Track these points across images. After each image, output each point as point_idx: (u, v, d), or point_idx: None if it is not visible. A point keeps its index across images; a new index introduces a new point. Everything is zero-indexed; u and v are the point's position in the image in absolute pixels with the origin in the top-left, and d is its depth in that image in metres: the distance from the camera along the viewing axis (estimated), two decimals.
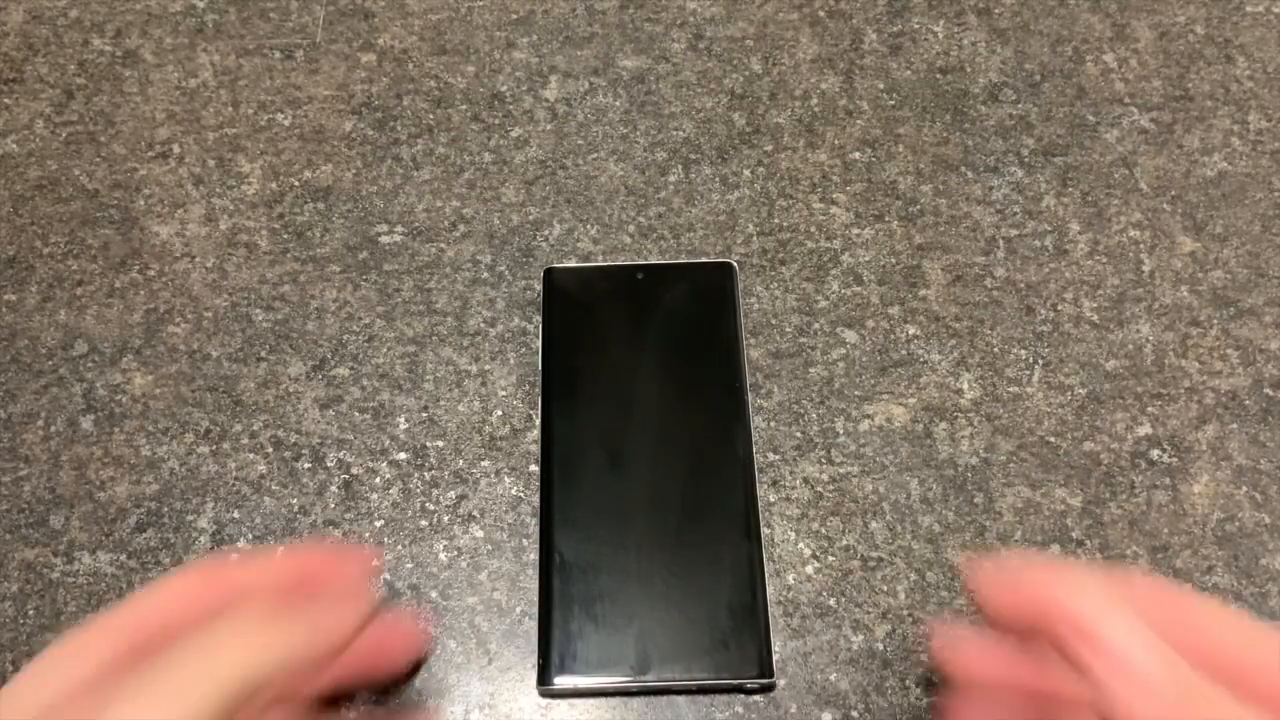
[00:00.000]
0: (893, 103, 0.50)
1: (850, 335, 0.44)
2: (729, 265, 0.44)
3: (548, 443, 0.39)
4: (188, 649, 0.26)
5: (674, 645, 0.36)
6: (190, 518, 0.40)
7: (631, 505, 0.38)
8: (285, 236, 0.46)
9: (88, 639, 0.27)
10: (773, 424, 0.42)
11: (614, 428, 0.40)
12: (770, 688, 0.37)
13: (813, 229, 0.47)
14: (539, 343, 0.42)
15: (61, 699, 0.26)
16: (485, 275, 0.45)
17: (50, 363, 0.43)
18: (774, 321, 0.44)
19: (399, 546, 0.40)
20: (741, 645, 0.36)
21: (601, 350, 0.41)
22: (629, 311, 0.42)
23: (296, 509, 0.40)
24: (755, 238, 0.46)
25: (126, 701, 0.24)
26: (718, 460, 0.39)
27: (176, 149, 0.48)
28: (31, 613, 0.38)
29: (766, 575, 0.38)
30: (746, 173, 0.48)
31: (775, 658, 0.38)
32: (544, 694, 0.36)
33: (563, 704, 0.37)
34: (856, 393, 0.43)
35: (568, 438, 0.39)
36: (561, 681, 0.35)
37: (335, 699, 0.36)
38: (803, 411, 0.42)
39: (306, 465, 0.41)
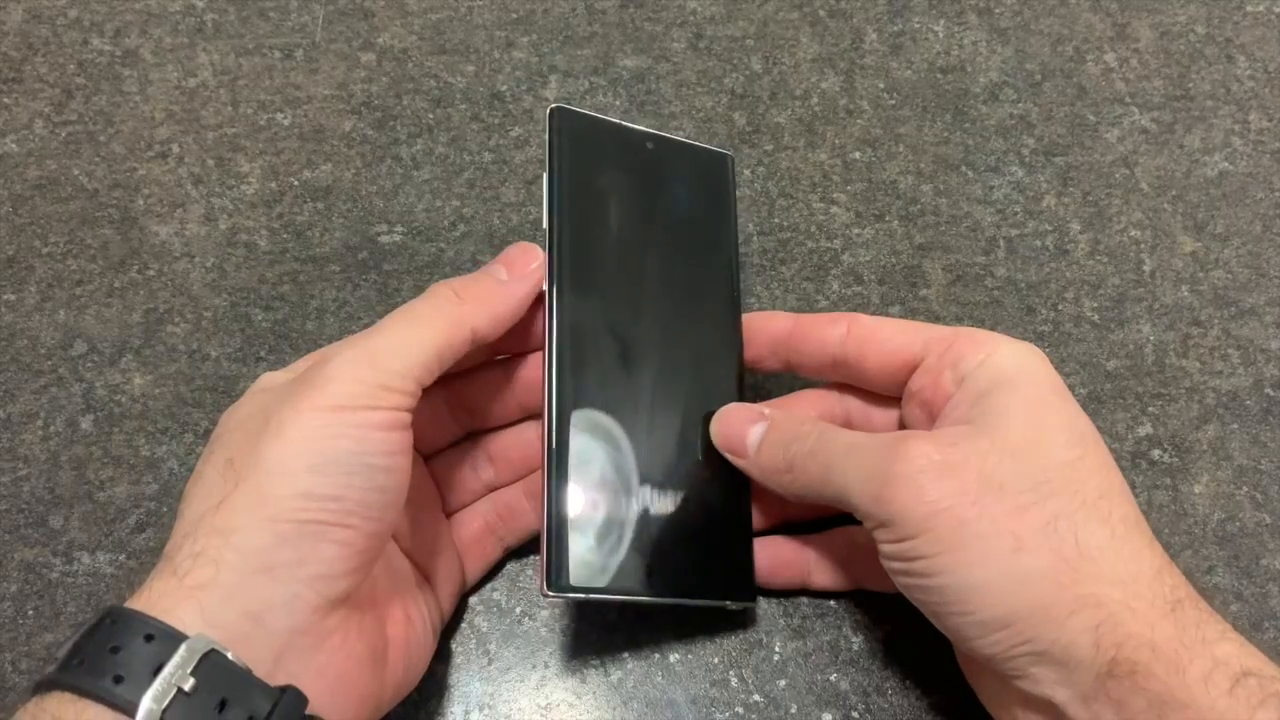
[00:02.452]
0: (893, 102, 0.50)
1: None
2: (726, 156, 0.42)
3: (553, 322, 0.35)
4: (390, 326, 0.32)
5: (671, 563, 0.35)
6: None
7: (636, 414, 0.36)
8: (285, 236, 0.46)
9: (294, 365, 0.33)
10: None
11: (621, 319, 0.37)
12: (752, 608, 0.37)
13: (813, 229, 0.47)
14: (544, 193, 0.37)
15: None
16: None
17: (49, 362, 0.43)
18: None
19: None
20: (732, 568, 0.36)
21: (609, 216, 0.38)
22: (635, 179, 0.39)
23: None
24: (755, 237, 0.46)
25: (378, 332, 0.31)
26: (711, 370, 0.38)
27: (176, 149, 0.48)
28: (31, 613, 0.38)
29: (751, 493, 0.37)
30: (747, 172, 0.48)
31: (777, 658, 0.38)
32: (548, 596, 0.34)
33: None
34: None
35: (575, 329, 0.36)
36: (568, 587, 0.34)
37: None
38: None
39: None
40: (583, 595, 0.34)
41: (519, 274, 0.35)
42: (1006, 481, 0.30)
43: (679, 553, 0.35)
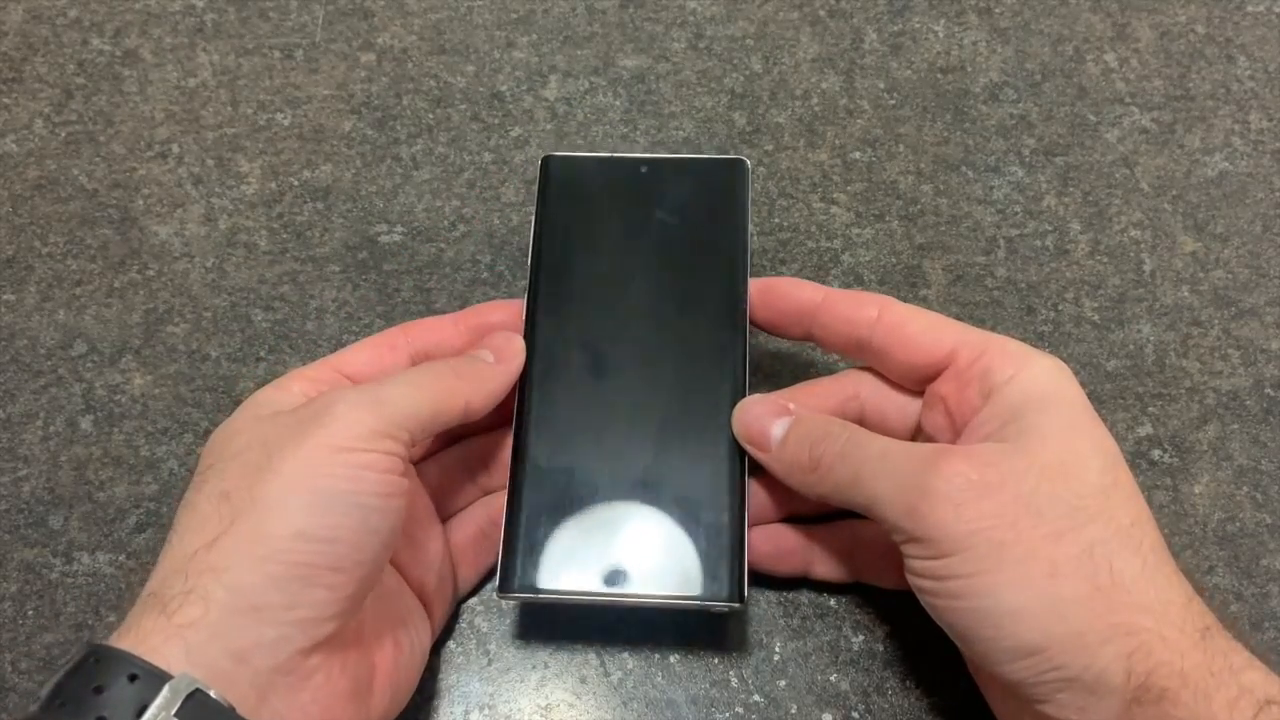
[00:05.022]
0: (893, 102, 0.50)
1: None
2: (741, 161, 0.41)
3: (530, 339, 0.37)
4: (393, 382, 0.32)
5: (641, 560, 0.34)
6: None
7: (613, 413, 0.36)
8: (285, 236, 0.46)
9: (287, 381, 0.34)
10: None
11: (602, 330, 0.38)
12: (740, 612, 0.36)
13: (813, 229, 0.47)
14: (530, 236, 0.39)
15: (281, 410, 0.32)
16: (485, 275, 0.45)
17: (49, 363, 0.43)
18: None
19: None
20: (713, 566, 0.34)
21: (596, 245, 0.39)
22: (628, 206, 0.39)
23: None
24: (755, 237, 0.46)
25: (347, 402, 0.30)
26: (709, 372, 0.37)
27: (175, 149, 0.48)
28: (31, 613, 0.38)
29: (747, 497, 0.36)
30: None
31: (777, 658, 0.37)
32: (503, 597, 0.34)
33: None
34: None
35: (551, 338, 0.37)
36: (521, 588, 0.34)
37: None
38: None
39: None
40: (537, 596, 0.34)
41: (505, 357, 0.36)
42: (1044, 506, 0.30)
43: (651, 551, 0.35)
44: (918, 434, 0.37)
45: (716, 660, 0.38)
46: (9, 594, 0.38)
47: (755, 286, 0.38)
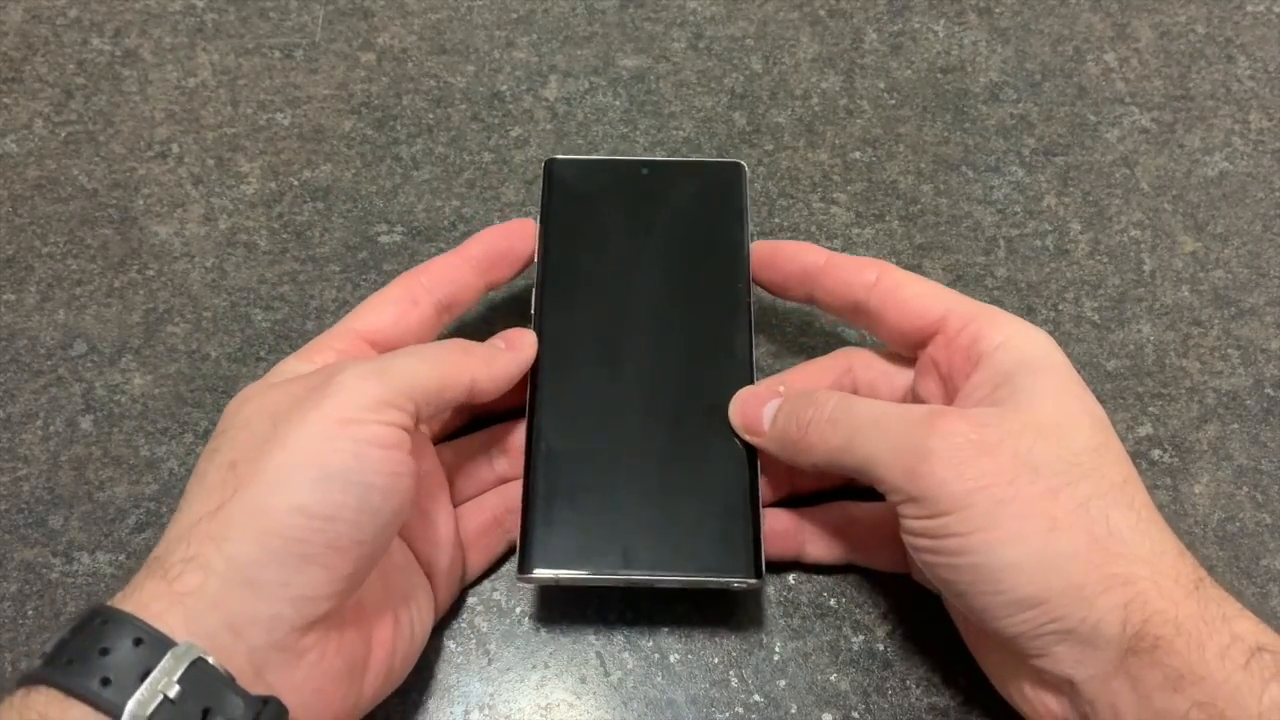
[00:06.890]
0: (893, 102, 0.50)
1: (852, 334, 0.44)
2: (738, 165, 0.42)
3: (540, 334, 0.38)
4: (400, 354, 0.32)
5: (659, 540, 0.35)
6: None
7: (625, 398, 0.37)
8: (284, 236, 0.46)
9: (311, 351, 0.34)
10: None
11: (610, 322, 0.38)
12: (758, 588, 0.36)
13: (813, 229, 0.47)
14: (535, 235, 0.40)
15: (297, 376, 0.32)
16: None
17: (49, 362, 0.43)
18: (775, 321, 0.44)
19: None
20: (730, 544, 0.35)
21: (600, 244, 0.40)
22: (631, 207, 0.41)
23: None
24: (755, 237, 0.46)
25: (354, 372, 0.30)
26: (716, 359, 0.38)
27: (175, 148, 0.48)
28: (31, 613, 0.38)
29: (759, 476, 0.36)
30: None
31: (777, 658, 0.38)
32: (523, 580, 0.35)
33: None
34: None
35: (561, 330, 0.38)
36: (541, 571, 0.34)
37: None
38: None
39: None
40: (558, 578, 0.34)
41: (516, 346, 0.37)
42: (1040, 463, 0.30)
43: (669, 531, 0.35)
44: (910, 403, 0.37)
45: (716, 660, 0.38)
46: (9, 594, 0.38)
47: (761, 248, 0.40)
